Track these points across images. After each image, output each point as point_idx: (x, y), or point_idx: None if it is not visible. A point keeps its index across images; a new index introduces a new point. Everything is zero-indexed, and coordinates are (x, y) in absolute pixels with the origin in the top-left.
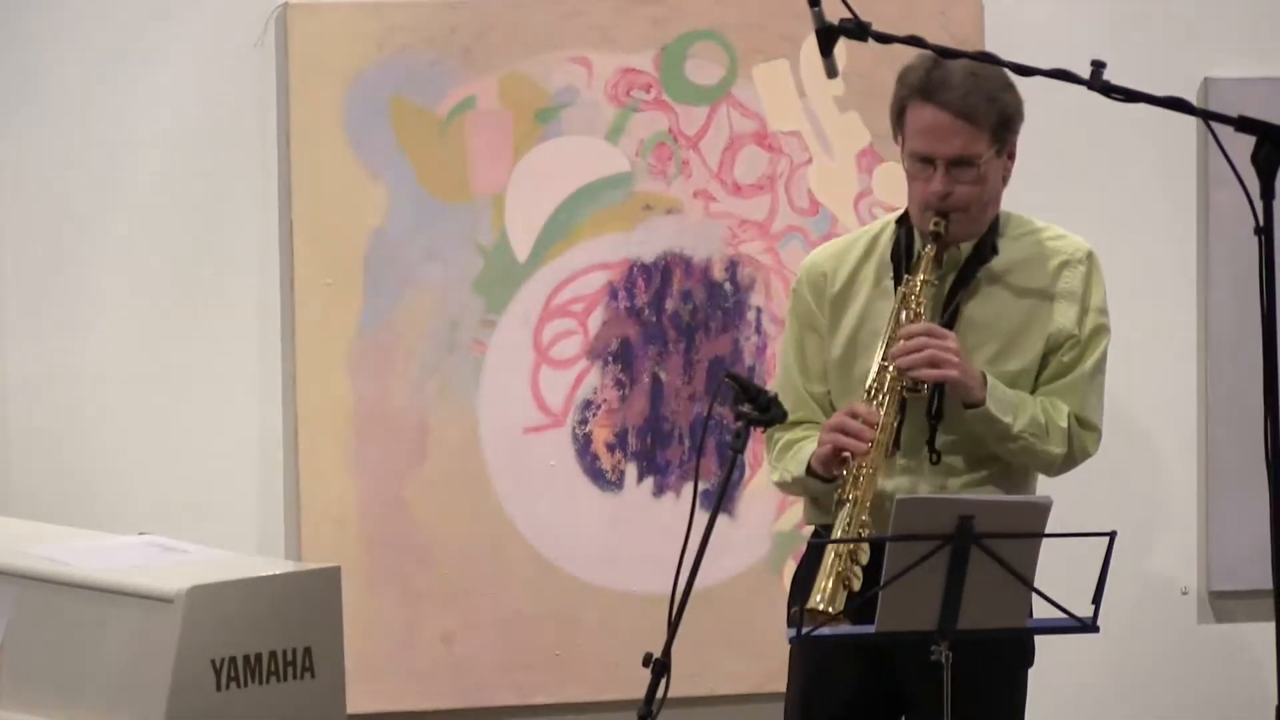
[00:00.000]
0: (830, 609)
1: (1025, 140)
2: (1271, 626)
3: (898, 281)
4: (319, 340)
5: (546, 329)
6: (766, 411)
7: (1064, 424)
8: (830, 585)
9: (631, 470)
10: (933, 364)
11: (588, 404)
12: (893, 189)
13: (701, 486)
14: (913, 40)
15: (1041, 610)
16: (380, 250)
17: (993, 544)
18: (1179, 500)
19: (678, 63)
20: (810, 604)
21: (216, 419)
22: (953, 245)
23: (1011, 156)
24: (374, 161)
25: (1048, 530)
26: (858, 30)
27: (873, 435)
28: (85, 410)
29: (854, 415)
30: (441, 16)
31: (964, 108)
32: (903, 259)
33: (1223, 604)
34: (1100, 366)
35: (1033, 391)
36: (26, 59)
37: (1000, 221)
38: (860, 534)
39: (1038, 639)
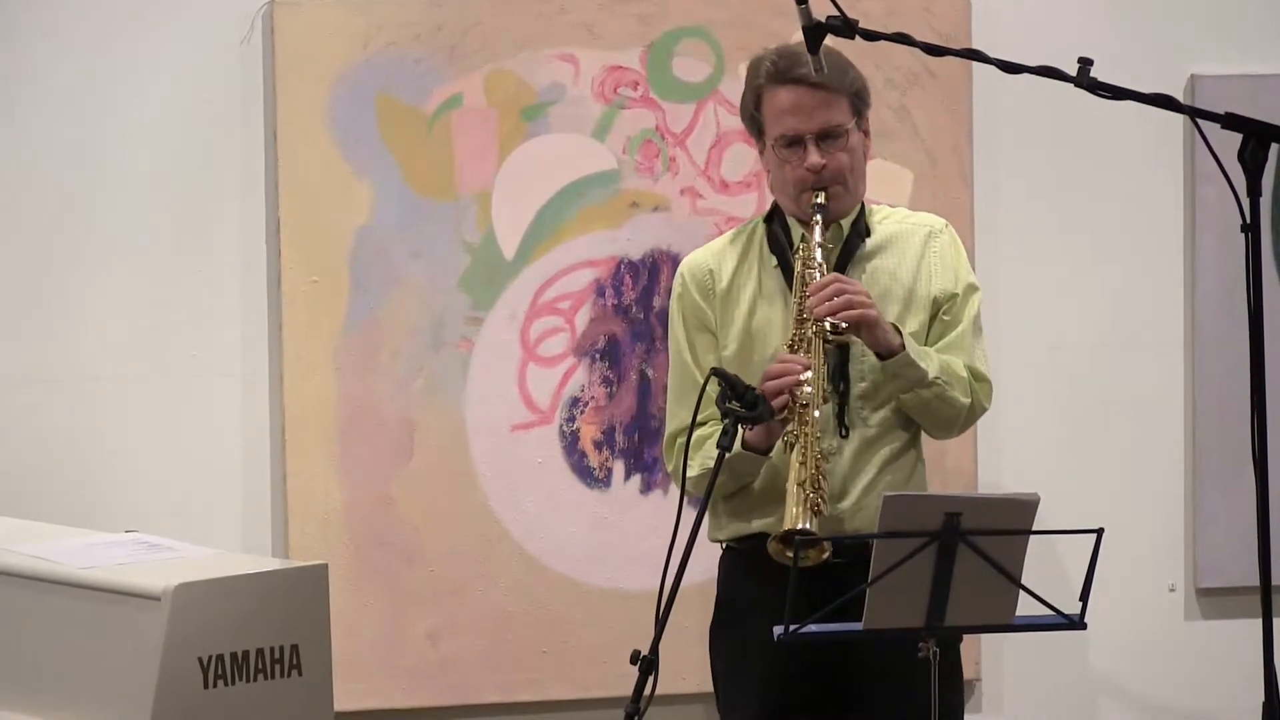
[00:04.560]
0: (809, 526)
1: (1012, 137)
2: (1258, 623)
3: (783, 268)
4: (305, 338)
5: (533, 326)
6: (754, 409)
7: (964, 374)
8: (800, 510)
9: (619, 467)
10: (850, 306)
11: (575, 401)
12: (877, 186)
13: None
14: (899, 37)
15: (1029, 607)
16: (366, 248)
17: (980, 541)
18: (1166, 497)
19: (664, 60)
20: (787, 526)
21: (203, 417)
22: (833, 223)
23: (867, 134)
24: (360, 159)
25: (1034, 527)
26: (844, 28)
27: (806, 363)
28: (71, 408)
29: (781, 360)
30: (427, 14)
31: (820, 79)
32: (784, 248)
33: (1210, 601)
34: (978, 322)
35: None
36: (11, 57)
37: (865, 208)
38: (818, 462)
39: (1025, 635)
